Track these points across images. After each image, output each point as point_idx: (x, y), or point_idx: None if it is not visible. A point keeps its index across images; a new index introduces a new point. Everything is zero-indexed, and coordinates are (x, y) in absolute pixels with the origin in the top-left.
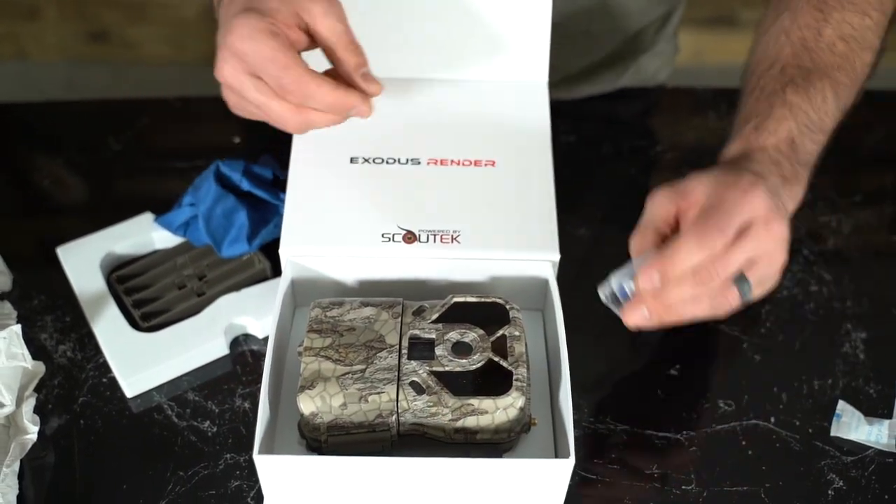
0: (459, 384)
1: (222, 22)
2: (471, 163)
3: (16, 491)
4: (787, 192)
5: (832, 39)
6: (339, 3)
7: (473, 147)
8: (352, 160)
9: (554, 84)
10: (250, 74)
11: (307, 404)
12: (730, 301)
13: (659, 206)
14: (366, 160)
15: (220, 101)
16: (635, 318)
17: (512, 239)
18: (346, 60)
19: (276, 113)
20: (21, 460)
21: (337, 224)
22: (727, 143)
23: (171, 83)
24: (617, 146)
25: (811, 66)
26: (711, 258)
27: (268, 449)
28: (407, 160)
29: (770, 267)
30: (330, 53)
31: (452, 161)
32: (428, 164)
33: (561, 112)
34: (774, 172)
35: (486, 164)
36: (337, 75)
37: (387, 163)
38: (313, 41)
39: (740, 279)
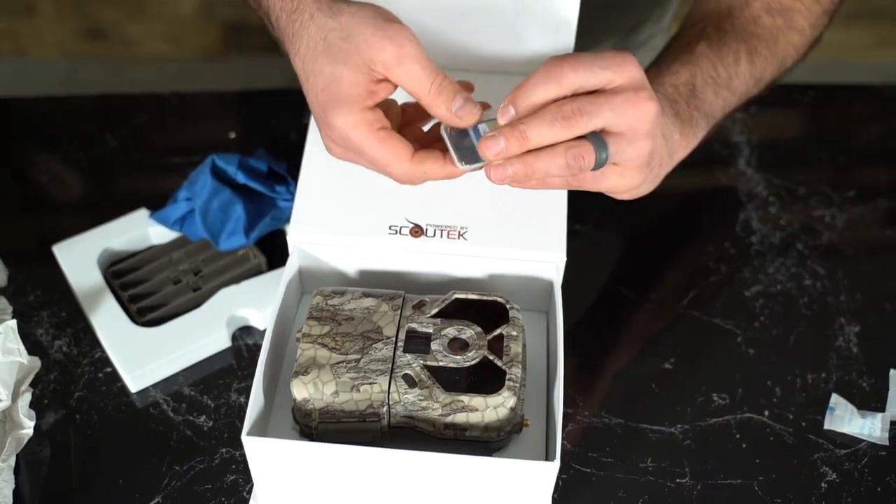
0: (452, 380)
1: (311, 85)
2: None
3: (12, 485)
4: (678, 131)
5: (758, 12)
6: (411, 38)
7: None
8: None
9: None
10: (356, 151)
11: (300, 390)
12: (584, 159)
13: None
14: None
15: (215, 96)
16: (492, 148)
17: (519, 238)
18: (433, 109)
19: (397, 172)
20: (17, 455)
21: (346, 213)
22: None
23: (167, 79)
24: None
25: (730, 30)
26: (572, 101)
27: (260, 433)
28: None
29: (632, 146)
30: (418, 102)
31: None
32: None
33: None
34: (667, 108)
35: None
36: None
37: None
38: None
39: (598, 139)
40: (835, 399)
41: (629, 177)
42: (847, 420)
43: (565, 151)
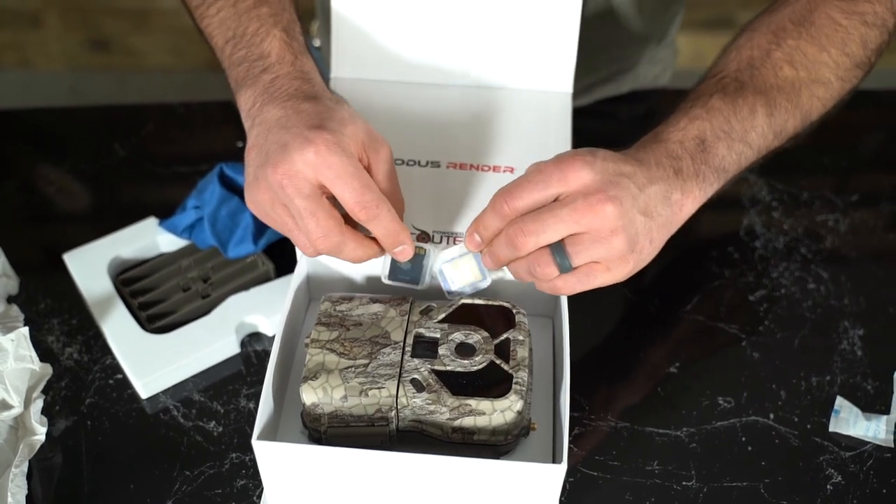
0: (460, 384)
1: (273, 121)
2: (489, 168)
3: (25, 491)
4: (679, 188)
5: (779, 63)
6: (390, 149)
7: (493, 153)
8: None
9: None
10: (313, 183)
11: (309, 395)
12: (542, 268)
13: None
14: None
15: (221, 106)
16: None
17: None
18: (398, 208)
19: (320, 226)
20: (29, 461)
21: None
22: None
23: (173, 90)
24: (617, 148)
25: (748, 82)
26: (513, 224)
27: (270, 437)
28: (427, 163)
29: (600, 245)
30: (387, 195)
31: (472, 166)
32: (447, 167)
33: None
34: (665, 165)
35: (504, 171)
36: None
37: (407, 165)
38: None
39: (557, 249)
40: (839, 402)
41: (616, 269)
42: (852, 423)
43: (526, 262)
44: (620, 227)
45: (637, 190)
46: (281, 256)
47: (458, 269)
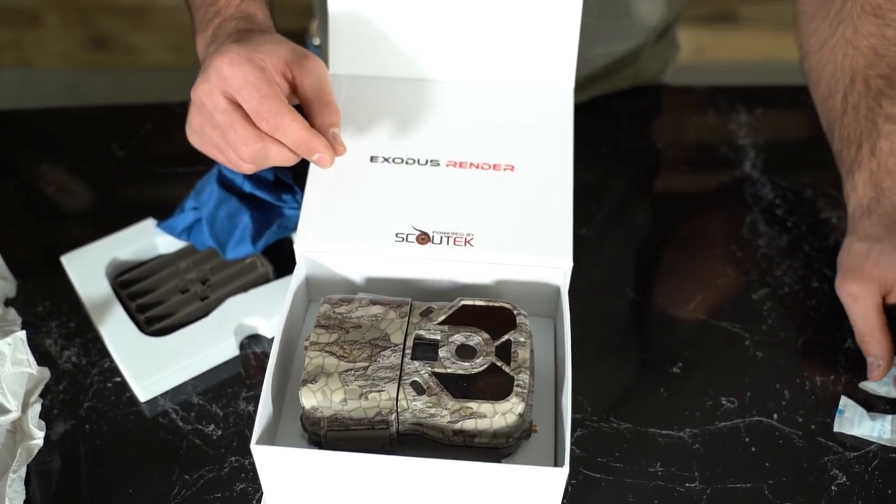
0: (461, 387)
1: (210, 53)
2: (490, 166)
3: (23, 496)
4: None
5: (893, 38)
6: (325, 65)
7: (493, 151)
8: (371, 159)
9: None
10: (226, 96)
11: (308, 398)
12: None
13: (864, 305)
14: (385, 160)
15: None
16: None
17: (525, 245)
18: (322, 116)
19: (238, 136)
20: (27, 466)
21: (352, 221)
22: (849, 171)
23: (172, 88)
24: (617, 145)
25: (888, 73)
26: None
27: (269, 441)
28: (426, 161)
29: None
30: (308, 107)
31: (472, 164)
32: (447, 165)
33: None
34: None
35: (504, 169)
36: None
37: (406, 163)
38: (293, 93)
39: None
40: (844, 401)
41: None
42: (857, 422)
43: None
44: None
45: None
46: (280, 258)
47: None
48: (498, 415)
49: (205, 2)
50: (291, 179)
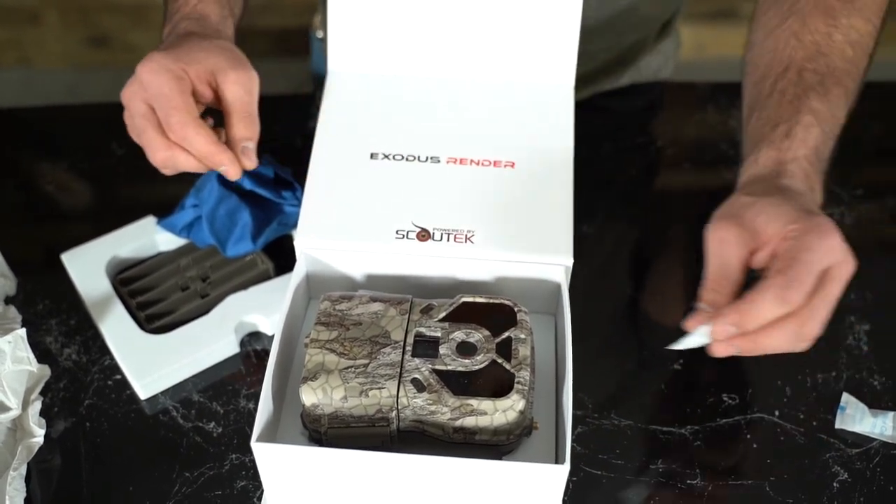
0: (461, 384)
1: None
2: (490, 163)
3: (23, 494)
4: (816, 203)
5: (842, 46)
6: (256, 77)
7: (494, 148)
8: (372, 156)
9: None
10: (145, 102)
11: (309, 395)
12: (817, 333)
13: (730, 251)
14: (386, 156)
15: None
16: (723, 350)
17: (526, 242)
18: (237, 129)
19: (151, 140)
20: (28, 463)
21: (352, 218)
22: (755, 146)
23: None
24: (617, 142)
25: (826, 72)
26: (802, 320)
27: (269, 439)
28: (427, 158)
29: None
30: (226, 118)
31: (472, 161)
32: (447, 162)
33: None
34: (807, 185)
35: (505, 166)
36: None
37: (406, 160)
38: (219, 101)
39: None
40: (846, 398)
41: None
42: (858, 419)
43: (806, 343)
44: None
45: None
46: (280, 255)
47: None
48: (498, 412)
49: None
50: (291, 176)
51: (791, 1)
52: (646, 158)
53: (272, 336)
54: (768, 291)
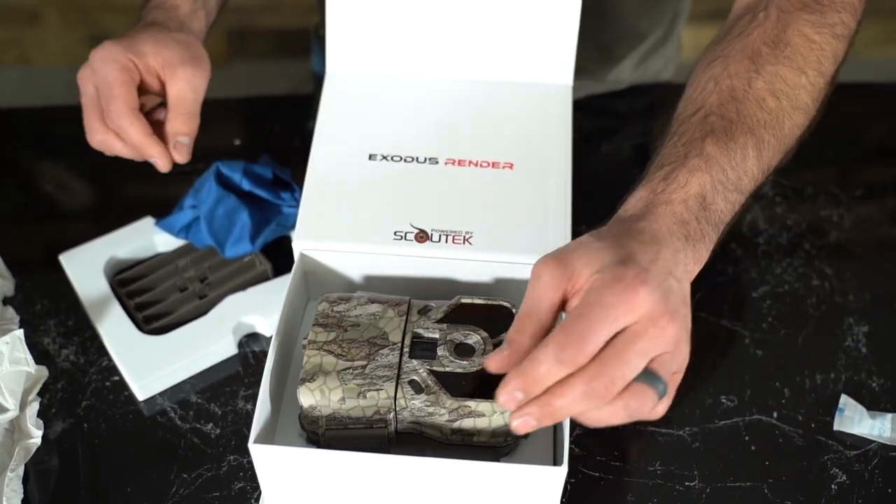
0: (459, 385)
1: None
2: (488, 164)
3: (20, 495)
4: (691, 255)
5: (762, 94)
6: (206, 75)
7: (492, 149)
8: (370, 157)
9: None
10: (93, 85)
11: (306, 397)
12: (645, 403)
13: (542, 290)
14: (384, 157)
15: (219, 103)
16: (522, 426)
17: (524, 243)
18: (172, 124)
19: (90, 122)
20: (25, 465)
21: (350, 220)
22: (638, 182)
23: None
24: (617, 143)
25: (735, 118)
26: (589, 377)
27: (267, 440)
28: (425, 159)
29: (676, 359)
30: (167, 111)
31: (470, 162)
32: (446, 164)
33: None
34: (677, 233)
35: (503, 167)
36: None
37: (405, 161)
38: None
39: (650, 376)
40: (844, 400)
41: (681, 374)
42: (857, 421)
43: (624, 409)
44: (683, 336)
45: (676, 282)
46: (279, 256)
47: None
48: (496, 413)
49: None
50: (290, 177)
51: (723, 45)
52: (646, 160)
53: (270, 337)
54: (547, 348)
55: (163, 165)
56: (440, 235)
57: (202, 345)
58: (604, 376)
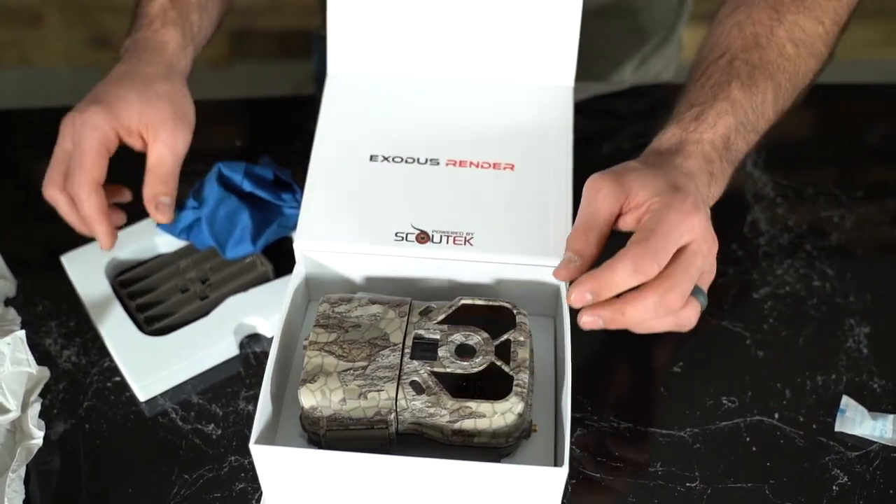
0: (460, 386)
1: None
2: (489, 165)
3: (22, 496)
4: (712, 190)
5: (783, 41)
6: (189, 132)
7: (493, 150)
8: (371, 158)
9: None
10: (70, 140)
11: (307, 398)
12: (691, 316)
13: (601, 202)
14: (385, 159)
15: (220, 104)
16: (588, 322)
17: (525, 244)
18: (150, 187)
19: (52, 174)
20: (27, 465)
21: (352, 221)
22: (669, 122)
23: None
24: (618, 144)
25: (758, 64)
26: (663, 289)
27: (268, 441)
28: (426, 160)
29: (711, 274)
30: (146, 173)
31: (471, 163)
32: (447, 165)
33: None
34: (705, 170)
35: (504, 168)
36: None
37: (406, 162)
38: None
39: (698, 291)
40: (845, 401)
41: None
42: (858, 422)
43: (675, 319)
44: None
45: (708, 212)
46: (280, 257)
47: None
48: (497, 414)
49: (138, 11)
50: (291, 178)
51: None
52: None
53: (271, 338)
54: (624, 259)
55: (105, 244)
56: (441, 236)
57: (203, 346)
58: (675, 290)
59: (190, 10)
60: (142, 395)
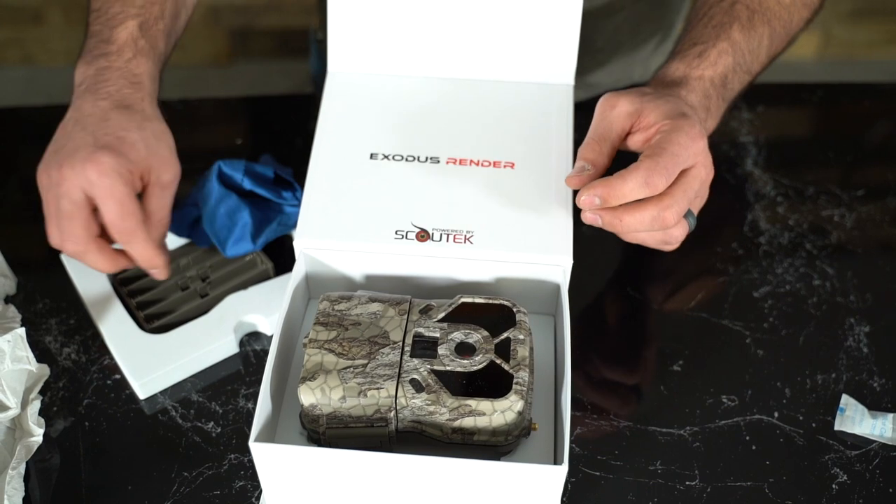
0: (460, 384)
1: (77, 124)
2: (490, 164)
3: (22, 493)
4: (708, 124)
5: None
6: (179, 170)
7: (494, 148)
8: (371, 156)
9: None
10: (83, 191)
11: (307, 395)
12: (680, 234)
13: (615, 116)
14: (385, 157)
15: (220, 103)
16: (589, 217)
17: (525, 242)
18: (155, 232)
19: (72, 231)
20: (27, 463)
21: (351, 219)
22: (670, 57)
23: (173, 86)
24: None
25: (757, 9)
26: (663, 206)
27: (268, 439)
28: (426, 159)
29: (703, 200)
30: (146, 219)
31: (472, 161)
32: (447, 163)
33: None
34: (703, 105)
35: (505, 166)
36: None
37: (406, 160)
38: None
39: (687, 213)
40: (845, 400)
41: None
42: (858, 421)
43: (663, 235)
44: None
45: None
46: (280, 255)
47: None
48: (497, 412)
49: (100, 33)
50: (291, 177)
51: None
52: None
53: (271, 336)
54: (636, 171)
55: (164, 274)
56: (441, 235)
57: (203, 343)
58: (673, 208)
59: (158, 38)
60: (142, 392)
